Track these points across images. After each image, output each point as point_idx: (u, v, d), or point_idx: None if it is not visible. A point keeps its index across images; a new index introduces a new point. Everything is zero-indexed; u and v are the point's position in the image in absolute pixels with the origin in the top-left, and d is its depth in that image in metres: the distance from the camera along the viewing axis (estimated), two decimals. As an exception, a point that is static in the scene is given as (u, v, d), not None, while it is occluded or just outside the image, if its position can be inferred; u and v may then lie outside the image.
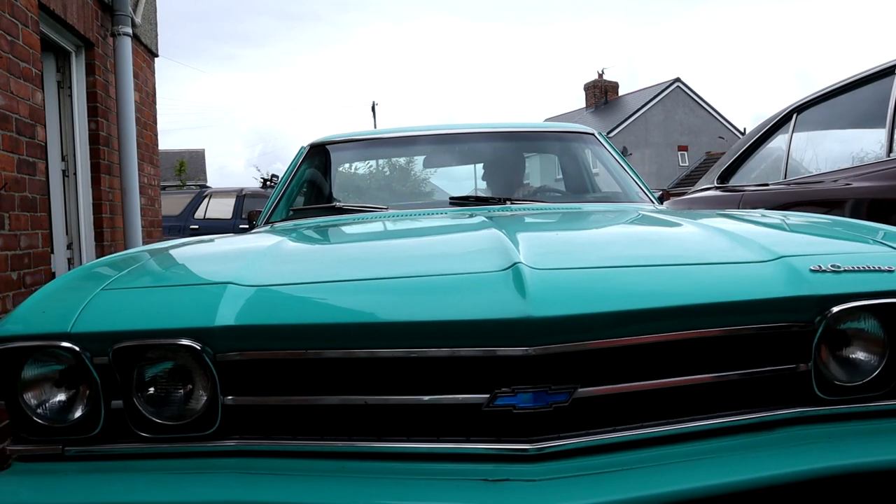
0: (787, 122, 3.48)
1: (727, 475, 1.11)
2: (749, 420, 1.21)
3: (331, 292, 1.31)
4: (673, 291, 1.23)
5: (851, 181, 2.64)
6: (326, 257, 1.78)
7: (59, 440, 1.23)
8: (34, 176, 3.35)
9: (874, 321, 1.24)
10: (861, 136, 3.15)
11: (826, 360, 1.24)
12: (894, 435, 1.21)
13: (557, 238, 1.81)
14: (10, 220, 3.09)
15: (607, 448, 1.16)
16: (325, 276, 1.45)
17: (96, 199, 4.34)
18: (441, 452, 1.17)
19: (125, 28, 4.54)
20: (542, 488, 1.08)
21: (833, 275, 1.25)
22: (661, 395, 1.20)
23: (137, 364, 1.21)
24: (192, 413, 1.21)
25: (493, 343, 1.14)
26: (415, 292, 1.26)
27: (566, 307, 1.14)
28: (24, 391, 1.22)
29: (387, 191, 3.48)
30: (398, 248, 1.88)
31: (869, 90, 2.88)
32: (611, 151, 2.97)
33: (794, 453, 1.16)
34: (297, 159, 2.99)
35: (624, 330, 1.17)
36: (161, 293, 1.35)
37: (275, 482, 1.15)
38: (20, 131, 3.22)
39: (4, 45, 3.10)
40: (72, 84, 4.23)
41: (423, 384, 1.18)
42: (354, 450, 1.19)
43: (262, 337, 1.20)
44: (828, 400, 1.23)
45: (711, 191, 4.01)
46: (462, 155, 3.15)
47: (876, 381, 1.24)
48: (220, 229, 10.74)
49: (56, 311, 1.26)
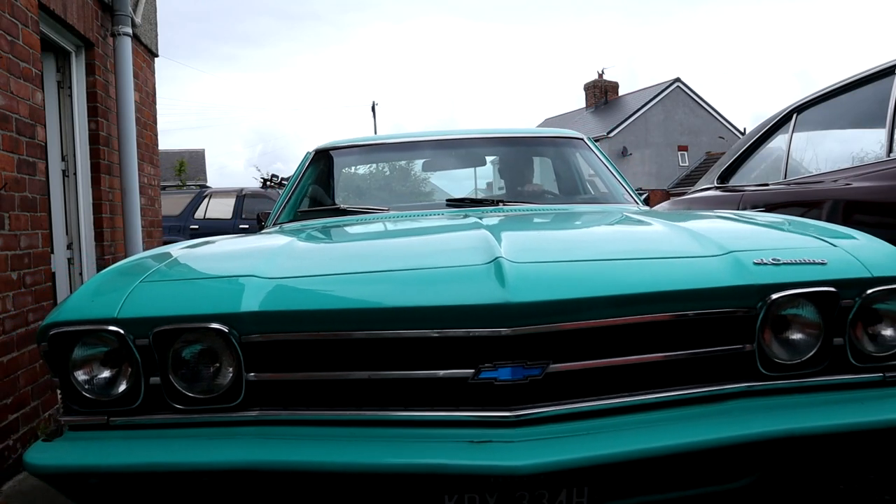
0: (787, 122, 3.48)
1: (677, 438, 1.31)
2: (700, 393, 1.41)
3: (338, 283, 1.53)
4: (632, 281, 1.43)
5: (851, 181, 2.64)
6: (333, 253, 1.99)
7: (104, 412, 1.43)
8: (34, 176, 3.34)
9: (811, 307, 1.43)
10: (861, 136, 3.15)
11: (768, 341, 1.44)
12: (827, 406, 1.40)
13: (537, 236, 2.04)
14: (10, 220, 3.09)
15: (576, 416, 1.37)
16: (333, 269, 1.67)
17: (96, 199, 4.33)
18: (434, 419, 1.37)
19: (125, 28, 4.53)
20: (519, 448, 1.29)
21: (774, 267, 1.45)
22: (623, 370, 1.40)
23: (173, 345, 1.41)
24: (219, 388, 1.41)
25: (477, 325, 1.34)
26: (410, 282, 1.48)
27: (539, 294, 1.34)
28: (74, 370, 1.42)
29: (387, 193, 3.69)
30: (397, 245, 2.09)
31: (869, 90, 2.87)
32: (598, 155, 3.17)
33: (739, 421, 1.35)
34: (303, 164, 3.19)
35: (590, 314, 1.37)
36: (193, 284, 1.57)
37: (290, 445, 1.35)
38: (20, 131, 3.22)
39: (4, 45, 3.09)
40: (72, 84, 4.23)
41: (418, 361, 1.38)
42: (360, 418, 1.39)
43: (281, 321, 1.40)
44: (770, 376, 1.43)
45: (711, 191, 4.01)
46: (458, 159, 3.38)
47: (812, 360, 1.44)
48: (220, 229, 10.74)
49: (104, 300, 1.46)
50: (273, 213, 2.98)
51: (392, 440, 1.34)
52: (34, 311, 3.29)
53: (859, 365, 1.46)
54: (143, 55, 5.33)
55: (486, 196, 3.09)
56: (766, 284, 1.42)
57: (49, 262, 3.54)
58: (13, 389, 3.04)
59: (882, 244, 1.63)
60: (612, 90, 37.08)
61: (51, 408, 3.42)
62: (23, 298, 3.18)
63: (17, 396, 3.07)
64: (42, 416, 3.32)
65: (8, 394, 2.99)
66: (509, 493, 1.33)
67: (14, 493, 2.80)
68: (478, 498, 1.35)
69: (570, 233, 2.17)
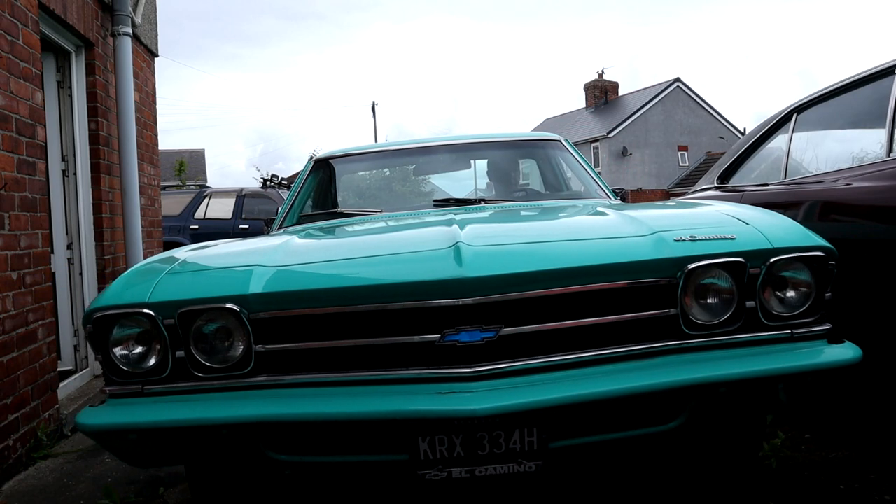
0: (787, 122, 3.47)
1: (612, 385, 1.58)
2: (633, 350, 1.68)
3: (327, 267, 1.90)
4: (569, 258, 1.70)
5: (851, 181, 2.63)
6: (325, 246, 2.30)
7: (139, 381, 1.73)
8: (34, 176, 3.34)
9: (724, 275, 1.70)
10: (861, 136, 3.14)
11: (689, 305, 1.70)
12: (742, 358, 1.66)
13: (497, 226, 2.30)
14: (10, 220, 3.09)
15: (526, 371, 1.64)
16: (323, 257, 2.06)
17: (96, 199, 4.33)
18: (408, 377, 1.66)
19: (125, 28, 4.53)
20: (477, 397, 1.58)
21: (690, 243, 1.71)
22: (566, 332, 1.68)
23: (194, 323, 1.70)
24: (233, 358, 1.71)
25: (440, 297, 1.63)
26: (386, 264, 1.81)
27: (490, 270, 1.62)
28: (113, 347, 1.72)
29: (380, 197, 4.05)
30: (380, 237, 2.41)
31: (869, 90, 2.87)
32: (574, 155, 3.50)
33: (665, 371, 1.62)
34: (305, 171, 3.56)
35: (535, 285, 1.65)
36: (210, 273, 1.89)
37: (292, 401, 1.65)
38: (20, 131, 3.22)
39: (4, 45, 3.09)
40: (72, 84, 4.23)
41: (394, 329, 1.67)
42: (349, 378, 1.69)
43: (282, 301, 1.69)
44: (692, 335, 1.69)
45: (711, 191, 4.00)
46: (444, 164, 3.75)
47: (729, 320, 1.70)
48: (220, 229, 10.74)
49: (137, 289, 1.76)
50: (278, 217, 3.31)
51: (375, 394, 1.64)
52: (34, 311, 3.29)
53: (770, 324, 1.71)
54: (143, 55, 5.33)
55: (469, 196, 3.42)
56: (683, 257, 1.68)
57: (49, 262, 3.54)
58: (13, 389, 3.04)
59: (786, 221, 1.86)
60: (612, 90, 37.07)
61: (51, 408, 3.42)
62: (23, 298, 3.18)
63: (17, 396, 3.07)
64: (42, 416, 3.32)
65: (8, 394, 2.99)
66: (471, 434, 1.62)
67: (14, 493, 2.80)
68: (446, 439, 1.63)
69: (528, 223, 2.49)
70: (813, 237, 1.78)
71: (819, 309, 1.75)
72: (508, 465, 1.63)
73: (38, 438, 3.23)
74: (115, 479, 2.87)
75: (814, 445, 2.70)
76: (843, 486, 2.32)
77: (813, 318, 1.74)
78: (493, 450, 1.63)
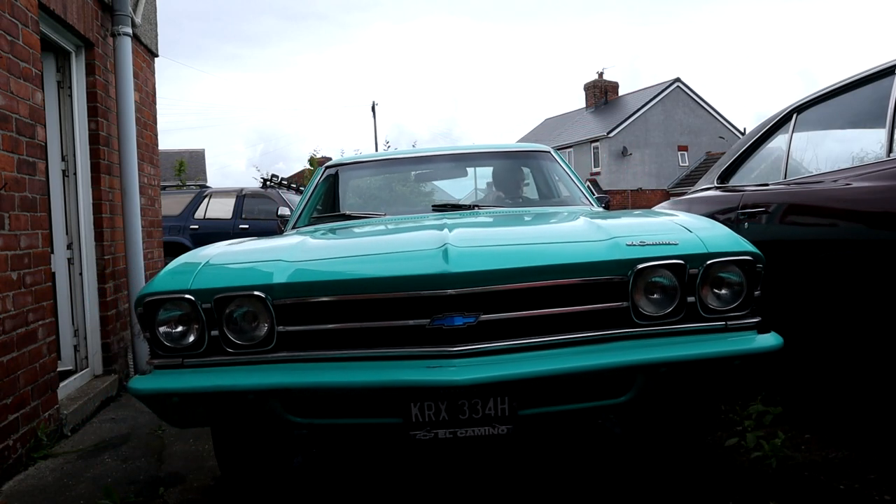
0: (787, 122, 3.47)
1: (572, 363, 1.90)
2: (590, 336, 1.99)
3: (338, 263, 2.30)
4: (538, 258, 2.04)
5: (851, 181, 2.63)
6: (336, 245, 2.63)
7: (179, 356, 2.04)
8: (34, 176, 3.34)
9: (668, 274, 2.01)
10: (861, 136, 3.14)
11: (638, 299, 2.01)
12: (682, 344, 1.97)
13: (483, 230, 2.62)
14: (10, 220, 3.09)
15: (500, 350, 1.96)
16: (335, 254, 2.45)
17: (96, 199, 4.33)
18: (403, 354, 1.97)
19: (125, 28, 4.53)
20: (459, 370, 1.89)
21: (640, 247, 2.03)
22: (534, 319, 1.99)
23: (227, 307, 2.02)
24: (258, 337, 2.03)
25: (430, 288, 1.94)
26: (387, 261, 2.13)
27: (471, 266, 1.95)
28: (159, 326, 2.03)
29: (384, 201, 4.40)
30: (382, 238, 2.75)
31: (869, 90, 2.87)
32: (562, 165, 3.92)
33: (617, 353, 1.95)
34: (316, 177, 3.97)
35: (509, 280, 1.96)
36: (241, 266, 2.22)
37: (307, 372, 1.98)
38: (20, 131, 3.22)
39: (4, 45, 3.09)
40: (72, 84, 4.23)
41: (392, 314, 1.98)
42: (355, 354, 2.00)
43: (300, 290, 2.02)
44: (641, 324, 2.00)
45: (711, 191, 4.00)
46: (442, 172, 4.19)
47: (672, 313, 2.01)
48: (220, 229, 10.72)
49: (179, 278, 2.07)
50: (292, 218, 3.71)
51: (376, 367, 1.95)
52: (34, 311, 3.29)
53: (707, 316, 2.02)
54: (143, 55, 5.33)
55: (464, 201, 3.76)
56: (632, 259, 1.99)
57: (49, 262, 3.54)
58: (13, 389, 3.04)
59: (723, 229, 2.18)
60: (612, 90, 37.07)
61: (51, 408, 3.42)
62: (23, 298, 3.18)
63: (17, 396, 3.07)
64: (42, 416, 3.32)
65: (8, 394, 2.99)
66: (454, 401, 1.93)
67: (14, 493, 2.80)
68: (433, 405, 1.94)
69: (508, 227, 2.82)
70: (744, 244, 2.07)
71: (749, 304, 2.04)
72: (484, 427, 1.94)
73: (38, 438, 3.23)
74: (115, 479, 2.87)
75: (814, 445, 2.70)
76: (843, 486, 2.32)
77: (744, 311, 2.04)
78: (472, 415, 1.94)
